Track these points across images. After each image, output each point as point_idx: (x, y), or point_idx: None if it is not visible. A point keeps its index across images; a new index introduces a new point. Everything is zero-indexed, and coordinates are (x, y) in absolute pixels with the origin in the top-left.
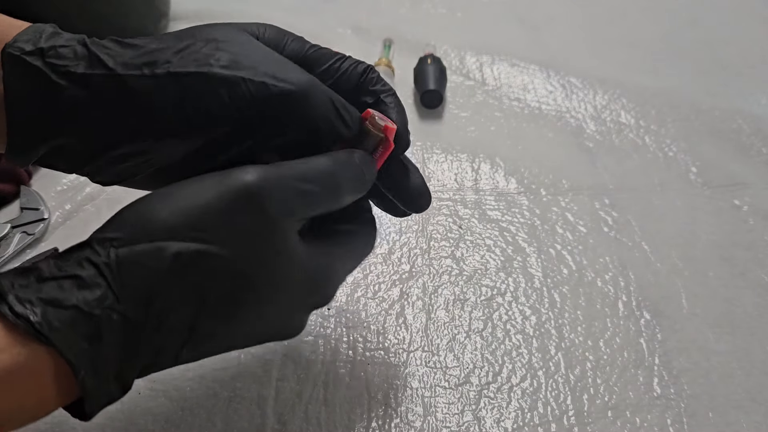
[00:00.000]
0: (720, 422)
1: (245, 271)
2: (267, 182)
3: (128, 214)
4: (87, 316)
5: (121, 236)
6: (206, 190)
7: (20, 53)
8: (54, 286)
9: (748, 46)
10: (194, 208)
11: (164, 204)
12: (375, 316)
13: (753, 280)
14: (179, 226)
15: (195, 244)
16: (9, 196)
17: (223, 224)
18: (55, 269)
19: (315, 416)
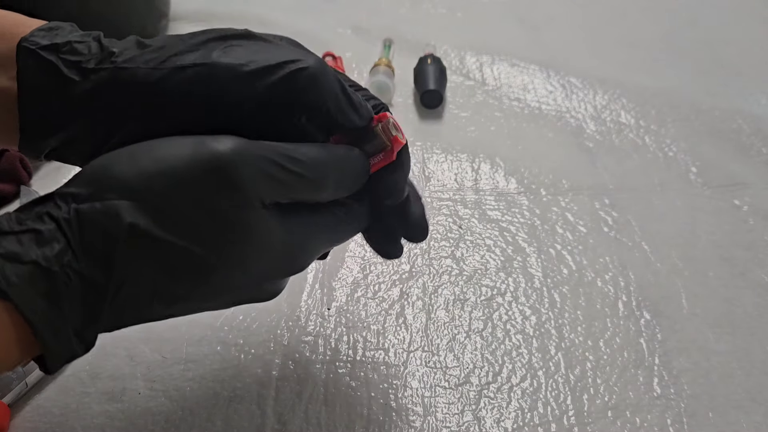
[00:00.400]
0: (720, 422)
1: (206, 246)
2: (241, 156)
3: (94, 168)
4: (45, 272)
5: (83, 192)
6: (176, 155)
7: (35, 47)
8: (13, 240)
9: (748, 46)
10: (159, 173)
11: (131, 162)
12: (375, 316)
13: (753, 280)
14: (141, 189)
15: (150, 216)
16: (9, 196)
17: (184, 195)
18: (15, 223)
19: (315, 416)
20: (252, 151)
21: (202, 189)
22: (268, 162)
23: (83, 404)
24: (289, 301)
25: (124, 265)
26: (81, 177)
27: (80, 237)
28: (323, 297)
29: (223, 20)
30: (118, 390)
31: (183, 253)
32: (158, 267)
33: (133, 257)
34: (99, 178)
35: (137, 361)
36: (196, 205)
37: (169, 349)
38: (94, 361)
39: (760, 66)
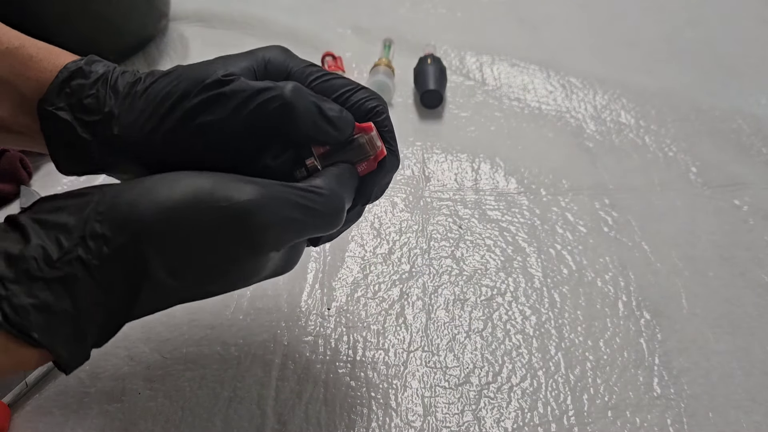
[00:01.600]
0: (720, 422)
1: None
2: (261, 211)
3: (123, 206)
4: (74, 317)
5: (116, 238)
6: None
7: (53, 108)
8: (44, 287)
9: (748, 46)
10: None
11: (156, 206)
12: (375, 316)
13: (753, 280)
14: (166, 239)
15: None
16: (9, 196)
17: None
18: (45, 266)
19: (315, 416)
20: (268, 203)
21: (222, 237)
22: (287, 220)
23: (83, 404)
24: (289, 301)
25: (144, 305)
26: (111, 215)
27: (108, 281)
28: (323, 297)
29: (223, 20)
30: (118, 390)
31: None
32: (173, 298)
33: (154, 298)
34: (129, 224)
35: (137, 361)
36: (220, 255)
37: (169, 349)
38: (94, 361)
39: (760, 66)
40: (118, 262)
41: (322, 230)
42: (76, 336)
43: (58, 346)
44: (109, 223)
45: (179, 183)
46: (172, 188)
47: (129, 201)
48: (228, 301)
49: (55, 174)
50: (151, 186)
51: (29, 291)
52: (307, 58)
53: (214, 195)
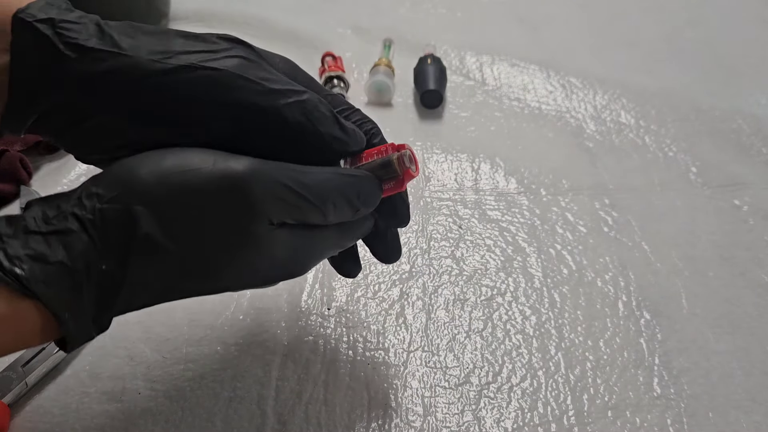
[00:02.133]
0: (720, 422)
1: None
2: (256, 178)
3: (120, 170)
4: (70, 271)
5: (107, 194)
6: (197, 170)
7: (32, 20)
8: (40, 240)
9: (748, 46)
10: (180, 185)
11: (155, 171)
12: (375, 316)
13: (753, 280)
14: (161, 199)
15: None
16: (9, 196)
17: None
18: (42, 222)
19: (315, 416)
20: (266, 173)
21: (217, 205)
22: (280, 186)
23: (83, 404)
24: (289, 301)
25: (139, 265)
26: (107, 177)
27: (102, 237)
28: (323, 297)
29: (223, 20)
30: (118, 390)
31: (194, 260)
32: (171, 270)
33: (148, 261)
34: (123, 182)
35: (137, 361)
36: (211, 218)
37: (169, 349)
38: (94, 361)
39: (760, 66)
40: (111, 217)
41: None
42: (72, 291)
43: (52, 298)
44: (103, 183)
45: (175, 152)
46: (168, 155)
47: (123, 164)
48: (228, 301)
49: (56, 174)
50: (145, 154)
51: (25, 243)
52: (307, 58)
53: (207, 162)
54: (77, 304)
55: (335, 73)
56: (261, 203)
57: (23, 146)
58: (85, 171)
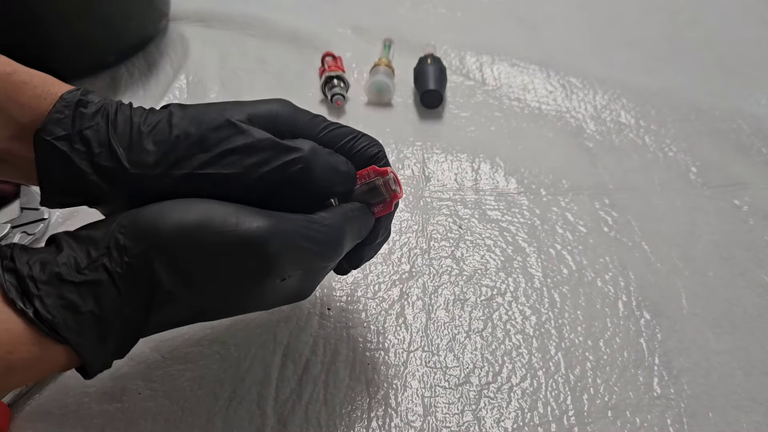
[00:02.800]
0: (720, 422)
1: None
2: (276, 243)
3: (144, 223)
4: (99, 320)
5: (133, 248)
6: (218, 229)
7: (51, 138)
8: (73, 289)
9: (748, 46)
10: (201, 244)
11: (177, 226)
12: (375, 316)
13: (753, 280)
14: (183, 256)
15: (186, 284)
16: (9, 196)
17: (220, 266)
18: (74, 272)
19: (315, 416)
20: (283, 234)
21: (237, 264)
22: (296, 247)
23: (83, 404)
24: None
25: (159, 313)
26: (133, 228)
27: (128, 289)
28: (323, 297)
29: (223, 20)
30: (118, 390)
31: (210, 307)
32: (188, 313)
33: (167, 309)
34: (148, 237)
35: (137, 361)
36: (230, 275)
37: (169, 349)
38: None
39: (760, 66)
40: (136, 271)
41: (324, 259)
42: (99, 338)
43: (83, 345)
44: (129, 235)
45: (196, 206)
46: (189, 209)
47: (147, 217)
48: None
49: None
50: (170, 206)
51: (59, 292)
52: (307, 58)
53: (226, 219)
54: (102, 347)
55: (335, 73)
56: (278, 265)
57: None
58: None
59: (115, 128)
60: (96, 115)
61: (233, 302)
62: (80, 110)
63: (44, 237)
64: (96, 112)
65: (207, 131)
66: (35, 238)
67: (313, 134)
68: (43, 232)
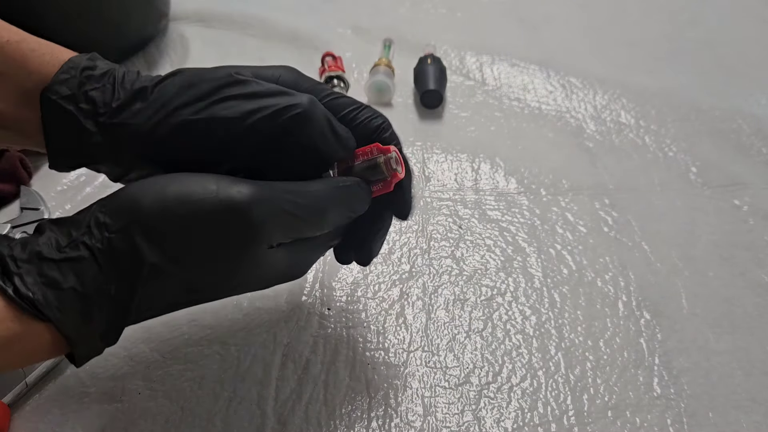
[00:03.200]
0: (720, 422)
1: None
2: (256, 204)
3: (125, 199)
4: (81, 296)
5: (114, 224)
6: (198, 198)
7: (56, 98)
8: (53, 267)
9: (748, 46)
10: (182, 214)
11: (157, 200)
12: (375, 316)
13: (753, 280)
14: (165, 229)
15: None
16: (9, 196)
17: (204, 236)
18: (55, 250)
19: (315, 416)
20: (266, 200)
21: (220, 233)
22: (280, 212)
23: (83, 404)
24: (289, 301)
25: (146, 289)
26: (113, 205)
27: (110, 265)
28: (323, 297)
29: (223, 20)
30: (118, 390)
31: (198, 280)
32: (176, 289)
33: (154, 285)
34: (128, 212)
35: (137, 361)
36: (214, 246)
37: (169, 349)
38: (94, 361)
39: (760, 66)
40: (118, 247)
41: (310, 227)
42: (83, 316)
43: (64, 322)
44: (109, 212)
45: (175, 179)
46: (169, 183)
47: (128, 193)
48: (227, 301)
49: (55, 174)
50: (150, 182)
51: (39, 270)
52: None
53: (206, 187)
54: (87, 326)
55: (335, 73)
56: (262, 231)
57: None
58: (85, 171)
59: (124, 89)
60: (103, 78)
61: (223, 276)
62: (87, 72)
63: None
64: (103, 75)
65: (207, 81)
66: None
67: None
68: None
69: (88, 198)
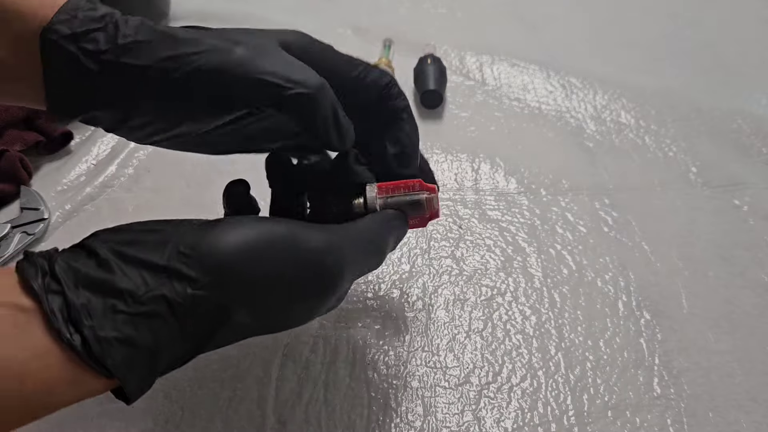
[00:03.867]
0: (720, 422)
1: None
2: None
3: (209, 250)
4: (154, 354)
5: (200, 278)
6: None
7: (57, 38)
8: (128, 321)
9: (748, 46)
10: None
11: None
12: (375, 316)
13: (753, 280)
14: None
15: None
16: (9, 196)
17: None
18: (131, 300)
19: (315, 416)
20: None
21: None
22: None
23: (83, 404)
24: None
25: (220, 342)
26: (197, 255)
27: (191, 323)
28: None
29: (223, 20)
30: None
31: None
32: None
33: (227, 339)
34: (216, 268)
35: None
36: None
37: None
38: None
39: (760, 66)
40: (202, 303)
41: (371, 268)
42: (150, 370)
43: (131, 379)
44: (194, 263)
45: (255, 225)
46: (250, 230)
47: (210, 242)
48: None
49: (56, 174)
50: (229, 228)
51: (114, 324)
52: None
53: (290, 237)
54: (151, 377)
55: None
56: (341, 279)
57: (23, 146)
58: (85, 171)
59: (128, 27)
60: (104, 18)
61: (291, 322)
62: (89, 13)
63: (44, 237)
64: (104, 16)
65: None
66: (35, 238)
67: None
68: (42, 232)
69: (88, 198)
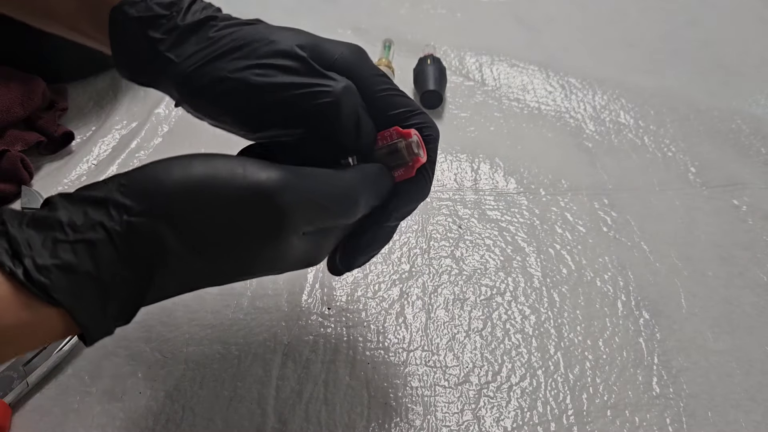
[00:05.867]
0: (719, 422)
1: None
2: (288, 191)
3: (147, 180)
4: (96, 281)
5: (134, 206)
6: (224, 182)
7: (123, 18)
8: (67, 248)
9: (748, 46)
10: (207, 200)
11: (182, 183)
12: (375, 315)
13: (752, 280)
14: (188, 216)
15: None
16: (9, 196)
17: (229, 223)
18: (71, 230)
19: (315, 415)
20: (297, 190)
21: (247, 221)
22: (311, 203)
23: (84, 404)
24: (289, 301)
25: (163, 277)
26: (134, 185)
27: (129, 250)
28: (323, 297)
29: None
30: (119, 389)
31: (218, 269)
32: (194, 275)
33: (173, 273)
34: (151, 194)
35: (138, 361)
36: (239, 234)
37: (169, 349)
38: (95, 360)
39: (759, 66)
40: (138, 231)
41: (338, 217)
42: (98, 301)
43: (78, 308)
44: (130, 193)
45: (200, 160)
46: (193, 164)
47: (150, 173)
48: (228, 300)
49: (56, 174)
50: (173, 162)
51: (53, 252)
52: None
53: (233, 171)
54: (102, 312)
55: None
56: (291, 220)
57: (24, 146)
58: (86, 171)
59: (184, 19)
60: (171, 6)
61: (243, 263)
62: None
63: None
64: (171, 4)
65: (254, 41)
66: None
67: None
68: None
69: None
